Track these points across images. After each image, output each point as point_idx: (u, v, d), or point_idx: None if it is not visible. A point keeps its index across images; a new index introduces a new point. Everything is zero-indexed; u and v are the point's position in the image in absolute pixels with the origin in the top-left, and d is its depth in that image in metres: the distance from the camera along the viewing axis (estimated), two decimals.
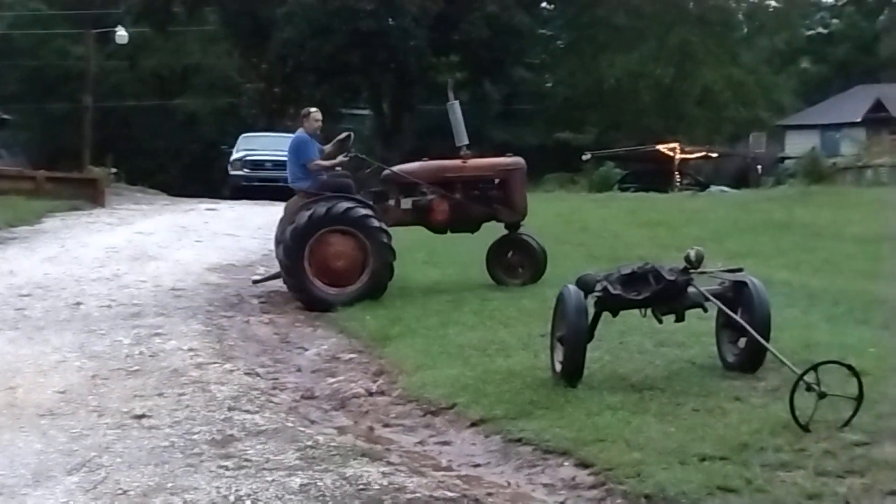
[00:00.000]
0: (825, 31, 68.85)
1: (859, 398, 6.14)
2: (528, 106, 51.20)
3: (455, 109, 12.63)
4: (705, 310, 7.66)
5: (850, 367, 6.31)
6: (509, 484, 6.01)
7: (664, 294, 7.44)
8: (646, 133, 43.93)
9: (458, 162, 12.56)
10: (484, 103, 47.79)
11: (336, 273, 11.74)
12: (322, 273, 11.72)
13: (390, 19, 42.33)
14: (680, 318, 7.70)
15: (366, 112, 53.17)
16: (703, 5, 51.07)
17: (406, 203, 12.73)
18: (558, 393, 7.16)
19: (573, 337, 7.25)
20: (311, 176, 12.29)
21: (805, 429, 6.02)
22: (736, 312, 7.40)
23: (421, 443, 6.94)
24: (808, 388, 6.13)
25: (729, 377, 7.33)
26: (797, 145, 49.23)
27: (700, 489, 5.39)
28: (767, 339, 7.18)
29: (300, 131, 12.63)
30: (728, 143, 52.33)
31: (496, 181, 12.59)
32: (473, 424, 7.00)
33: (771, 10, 55.29)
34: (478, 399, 7.32)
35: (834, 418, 6.13)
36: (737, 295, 7.54)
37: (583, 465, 5.98)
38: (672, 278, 7.42)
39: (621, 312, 7.71)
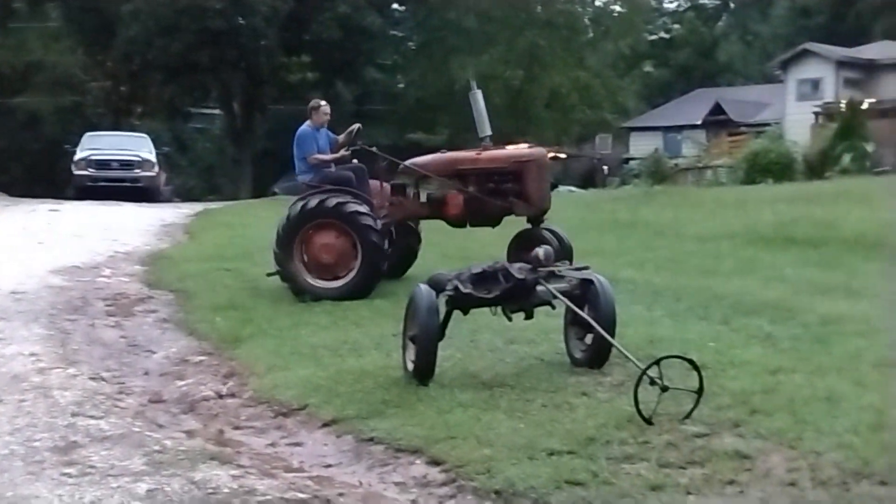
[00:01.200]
0: (667, 36, 71.16)
1: (700, 391, 6.35)
2: (380, 106, 51.22)
3: (477, 99, 12.25)
4: (553, 307, 7.82)
5: (691, 362, 6.54)
6: (361, 483, 6.02)
7: (514, 292, 7.57)
8: (496, 134, 44.12)
9: (471, 154, 12.24)
10: (336, 104, 47.51)
11: (325, 266, 11.46)
12: (312, 265, 11.46)
13: (240, 18, 41.80)
14: (529, 316, 7.84)
15: (216, 112, 52.37)
16: (551, 10, 51.93)
17: (423, 196, 12.39)
18: (410, 392, 7.21)
19: (425, 336, 7.31)
20: (314, 169, 12.02)
21: (648, 422, 6.20)
22: (583, 309, 7.56)
23: (272, 444, 6.89)
24: (652, 383, 6.31)
25: (576, 373, 7.48)
26: (641, 146, 50.65)
27: (548, 483, 5.50)
28: (613, 336, 7.36)
29: (305, 124, 12.27)
30: (575, 144, 53.49)
31: (512, 174, 12.12)
32: (325, 425, 6.99)
33: (616, 15, 56.57)
34: (330, 399, 7.30)
35: (676, 411, 6.32)
36: (584, 292, 7.69)
37: (434, 462, 6.03)
38: (522, 277, 7.56)
39: (472, 311, 7.80)
